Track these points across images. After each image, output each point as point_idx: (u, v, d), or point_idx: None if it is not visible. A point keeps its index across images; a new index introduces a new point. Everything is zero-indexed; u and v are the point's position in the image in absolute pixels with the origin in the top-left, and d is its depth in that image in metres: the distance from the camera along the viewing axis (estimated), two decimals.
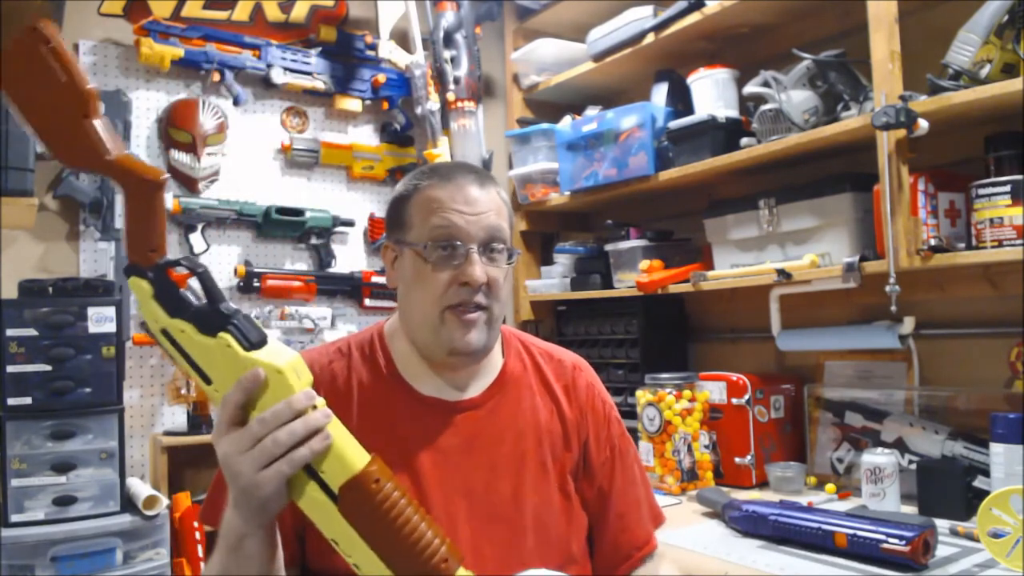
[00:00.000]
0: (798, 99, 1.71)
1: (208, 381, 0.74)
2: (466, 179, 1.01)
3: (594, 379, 1.16)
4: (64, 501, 1.69)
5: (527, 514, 1.01)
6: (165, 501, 1.77)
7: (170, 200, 2.10)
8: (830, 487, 1.73)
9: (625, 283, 2.18)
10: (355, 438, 0.76)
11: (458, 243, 0.97)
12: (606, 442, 1.11)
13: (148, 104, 2.15)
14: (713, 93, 1.97)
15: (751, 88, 1.79)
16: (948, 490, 1.48)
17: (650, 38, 2.11)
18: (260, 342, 0.73)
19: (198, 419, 2.04)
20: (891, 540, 1.22)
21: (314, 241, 2.36)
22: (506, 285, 1.04)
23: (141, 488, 1.81)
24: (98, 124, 0.68)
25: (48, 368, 1.69)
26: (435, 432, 1.01)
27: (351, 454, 0.72)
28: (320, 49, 2.36)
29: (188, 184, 2.18)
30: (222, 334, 0.72)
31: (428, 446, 1.01)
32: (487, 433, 1.03)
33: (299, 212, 2.30)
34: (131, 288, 0.73)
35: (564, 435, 1.08)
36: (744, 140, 1.86)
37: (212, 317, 0.72)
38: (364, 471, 0.71)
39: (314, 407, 0.72)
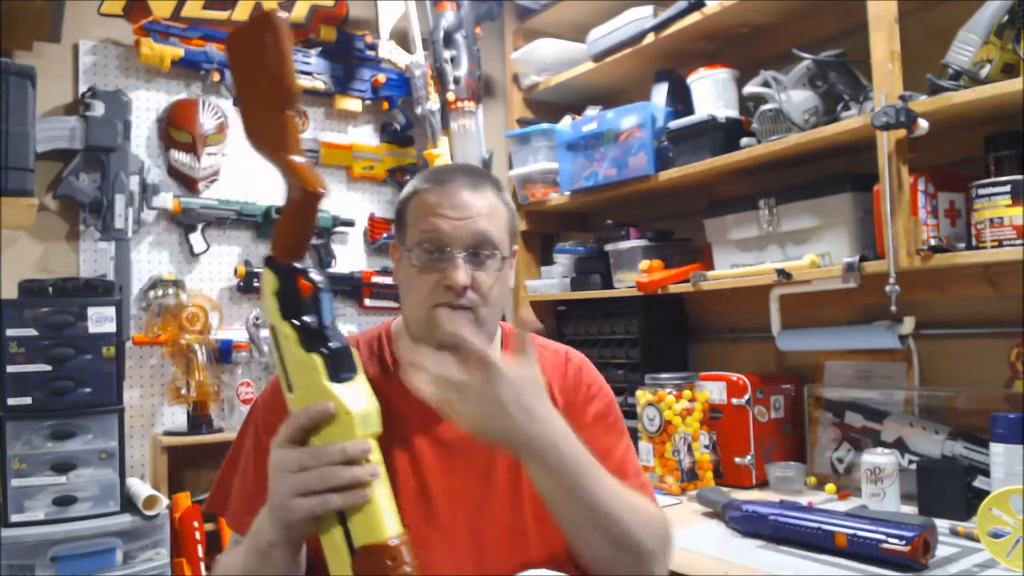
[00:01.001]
0: (798, 99, 1.71)
1: (291, 389, 0.76)
2: (459, 183, 1.02)
3: (583, 364, 1.16)
4: (64, 501, 1.69)
5: (526, 503, 1.02)
6: (165, 501, 1.77)
7: (170, 200, 2.10)
8: (830, 487, 1.73)
9: (625, 283, 2.18)
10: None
11: (444, 248, 1.00)
12: (591, 425, 1.10)
13: (148, 104, 2.15)
14: (713, 93, 1.97)
15: (751, 88, 1.79)
16: (948, 490, 1.48)
17: (650, 38, 2.11)
18: (346, 377, 0.74)
19: (198, 419, 2.04)
20: (891, 540, 1.22)
21: (314, 241, 2.36)
22: (501, 287, 1.05)
23: (141, 488, 1.81)
24: (290, 123, 0.73)
25: (48, 368, 1.69)
26: (436, 425, 1.03)
27: (383, 520, 0.72)
28: (320, 49, 2.36)
29: (188, 184, 2.18)
30: (315, 355, 0.73)
31: (430, 439, 1.03)
32: None
33: None
34: (263, 277, 0.76)
35: None
36: (744, 140, 1.86)
37: (315, 335, 0.74)
38: (385, 544, 0.71)
39: (367, 460, 0.73)
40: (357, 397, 0.74)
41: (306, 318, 0.75)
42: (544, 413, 0.86)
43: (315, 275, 0.76)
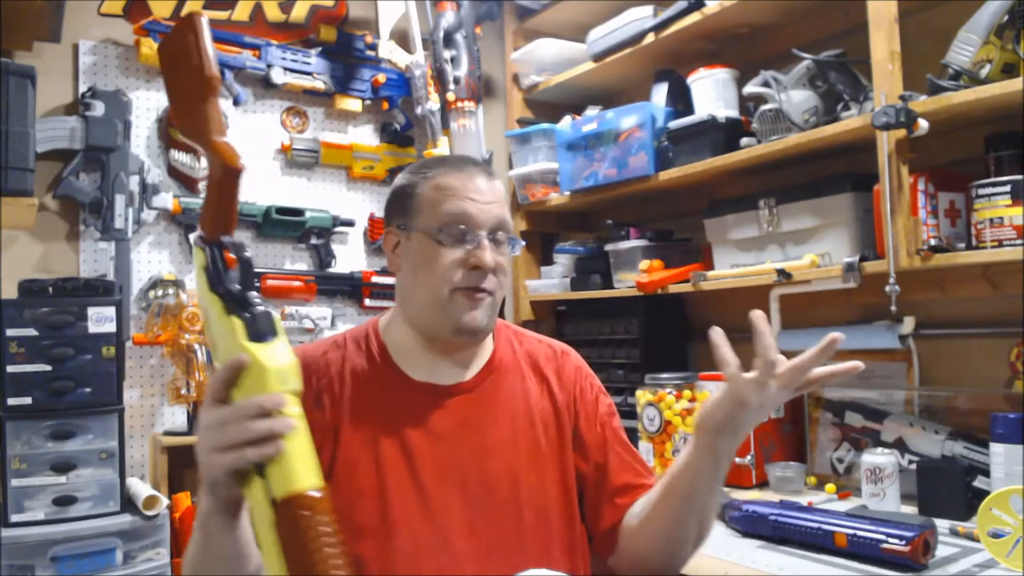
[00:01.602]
0: (798, 99, 1.71)
1: (216, 356, 0.80)
2: (475, 169, 1.06)
3: (581, 362, 1.20)
4: (64, 501, 1.68)
5: (522, 492, 1.03)
6: (165, 501, 1.77)
7: (170, 200, 2.10)
8: (830, 487, 1.73)
9: (625, 283, 2.18)
10: (348, 425, 0.76)
11: (471, 229, 1.02)
12: (595, 419, 1.14)
13: (148, 104, 2.15)
14: (713, 93, 1.97)
15: (751, 88, 1.79)
16: (948, 490, 1.48)
17: (650, 38, 2.11)
18: (264, 336, 0.76)
19: (198, 419, 2.04)
20: (891, 540, 1.22)
21: (314, 241, 2.36)
22: (509, 272, 1.09)
23: (141, 488, 1.81)
24: (212, 108, 0.80)
25: (48, 368, 1.69)
26: (428, 415, 1.04)
27: (300, 472, 0.72)
28: (320, 49, 2.36)
29: (188, 184, 2.18)
30: (235, 318, 0.76)
31: (421, 429, 1.03)
32: (479, 415, 1.06)
33: (299, 212, 2.30)
34: (194, 255, 0.82)
35: (556, 415, 1.11)
36: (744, 140, 1.86)
37: (237, 301, 0.77)
38: (301, 494, 0.71)
39: (281, 413, 0.73)
40: (274, 355, 0.76)
41: (230, 288, 0.78)
42: None
43: (231, 244, 0.80)
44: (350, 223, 2.42)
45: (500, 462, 1.04)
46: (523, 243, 1.13)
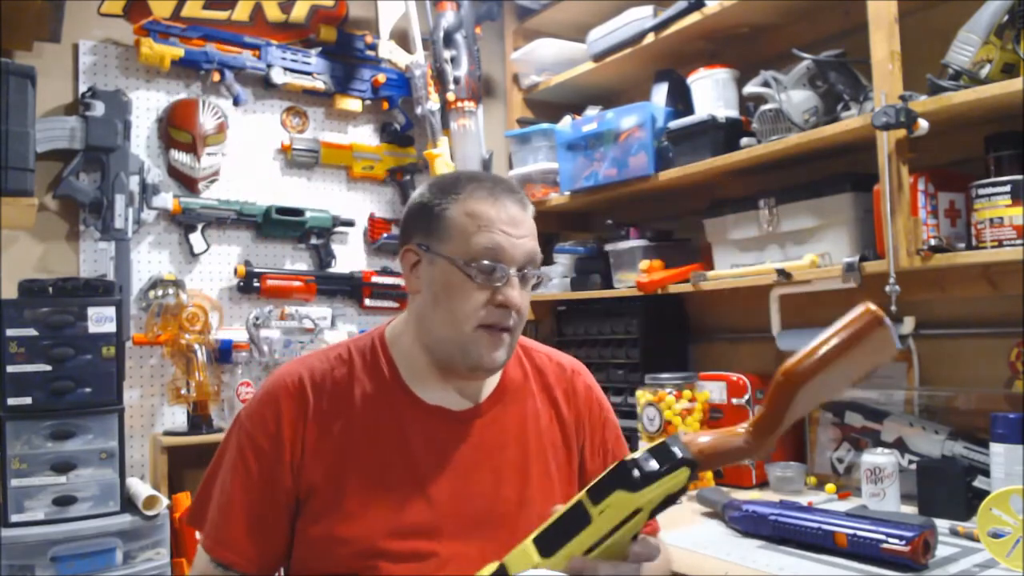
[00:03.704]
0: (798, 99, 1.71)
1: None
2: (511, 198, 1.00)
3: (592, 382, 1.17)
4: (64, 501, 1.68)
5: (534, 520, 1.01)
6: (165, 501, 1.77)
7: (170, 200, 2.10)
8: (830, 487, 1.73)
9: (625, 283, 2.18)
10: (358, 450, 0.73)
11: (502, 265, 0.96)
12: (600, 446, 1.12)
13: (148, 104, 2.15)
14: (713, 93, 1.97)
15: (751, 88, 1.79)
16: (948, 490, 1.48)
17: (650, 38, 2.11)
18: None
19: (198, 419, 2.04)
20: (891, 540, 1.22)
21: (314, 241, 2.36)
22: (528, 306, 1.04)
23: (141, 488, 1.81)
24: None
25: (48, 368, 1.69)
26: (441, 440, 1.02)
27: None
28: (320, 49, 2.36)
29: (188, 184, 2.18)
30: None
31: (435, 455, 1.01)
32: (491, 441, 1.04)
33: (299, 212, 2.30)
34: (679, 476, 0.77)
35: (564, 439, 1.09)
36: (744, 140, 1.86)
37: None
38: None
39: None
40: None
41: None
42: None
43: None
44: (350, 223, 2.42)
45: (512, 489, 1.02)
46: (549, 279, 1.07)
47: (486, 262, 0.95)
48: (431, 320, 1.00)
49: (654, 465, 0.75)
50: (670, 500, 0.77)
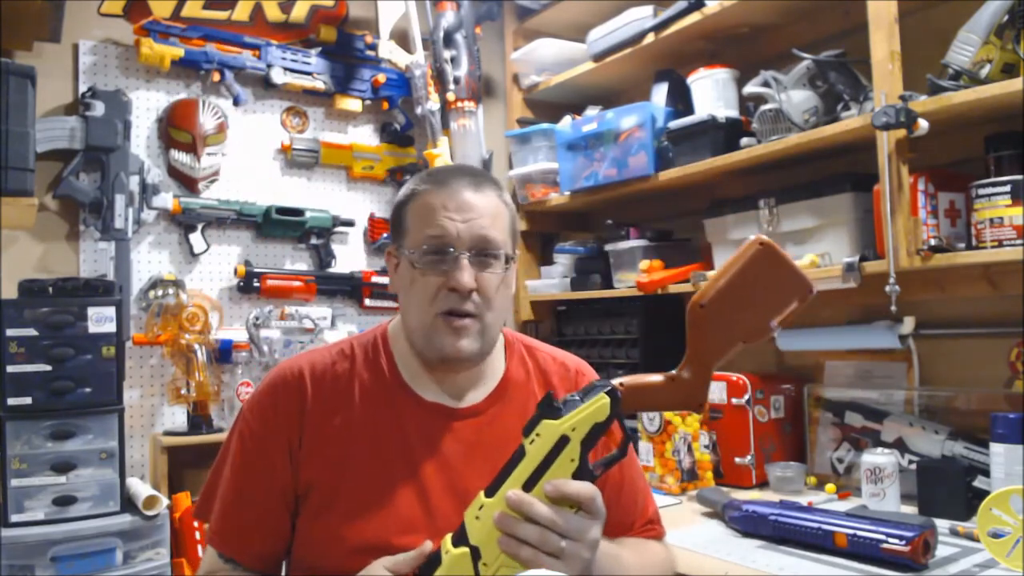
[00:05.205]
0: (798, 99, 1.71)
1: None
2: (460, 183, 1.00)
3: (593, 378, 1.16)
4: (64, 501, 1.69)
5: None
6: (165, 501, 1.77)
7: (170, 200, 2.10)
8: (830, 487, 1.73)
9: (625, 283, 2.18)
10: (357, 445, 0.73)
11: (449, 249, 0.97)
12: (603, 447, 1.11)
13: (148, 104, 2.15)
14: (713, 93, 1.97)
15: (751, 88, 1.79)
16: (948, 490, 1.48)
17: (650, 38, 2.11)
18: None
19: (198, 419, 2.04)
20: (891, 540, 1.22)
21: (314, 241, 2.36)
22: (504, 291, 1.02)
23: (141, 488, 1.81)
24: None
25: (48, 368, 1.69)
26: (438, 438, 1.02)
27: None
28: (320, 49, 2.36)
29: (188, 184, 2.18)
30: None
31: (431, 451, 1.01)
32: (489, 440, 1.03)
33: (299, 212, 2.30)
34: (597, 402, 0.83)
35: None
36: (744, 140, 1.86)
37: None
38: None
39: None
40: None
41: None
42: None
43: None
44: (350, 223, 2.42)
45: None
46: (514, 259, 1.03)
47: (430, 248, 0.98)
48: (406, 316, 1.03)
49: (576, 396, 0.82)
50: (597, 430, 0.81)
